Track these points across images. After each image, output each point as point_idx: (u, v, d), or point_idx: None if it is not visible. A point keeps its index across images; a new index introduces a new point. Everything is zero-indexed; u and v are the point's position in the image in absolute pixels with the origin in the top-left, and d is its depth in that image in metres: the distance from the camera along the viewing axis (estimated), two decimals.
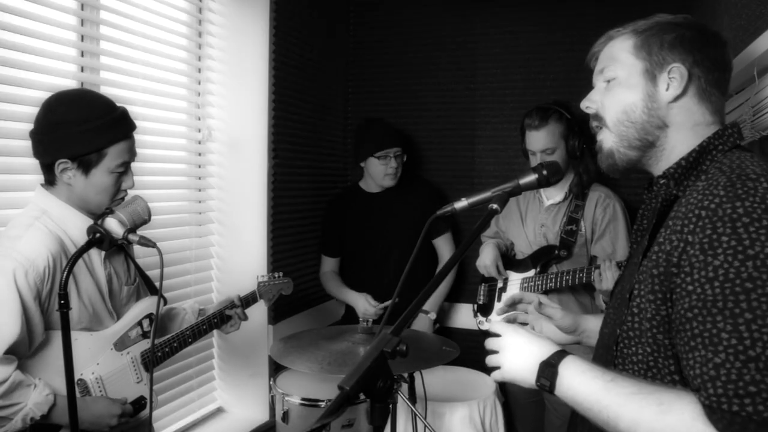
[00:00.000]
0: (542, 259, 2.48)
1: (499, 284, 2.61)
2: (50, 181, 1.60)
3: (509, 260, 2.63)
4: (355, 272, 3.00)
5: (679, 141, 1.12)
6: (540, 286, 2.45)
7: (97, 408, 1.58)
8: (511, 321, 1.50)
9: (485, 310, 2.70)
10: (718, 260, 0.90)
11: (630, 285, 1.09)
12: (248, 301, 2.14)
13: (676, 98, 1.11)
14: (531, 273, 2.51)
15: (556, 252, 2.44)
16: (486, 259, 2.58)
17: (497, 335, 1.18)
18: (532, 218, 2.56)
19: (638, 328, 1.05)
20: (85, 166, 1.56)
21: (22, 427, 1.45)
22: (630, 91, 1.14)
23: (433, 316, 2.90)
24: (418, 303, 1.02)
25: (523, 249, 2.58)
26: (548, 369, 1.06)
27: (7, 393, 1.43)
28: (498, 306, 1.38)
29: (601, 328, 1.23)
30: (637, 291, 1.05)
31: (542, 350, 1.10)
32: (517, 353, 1.12)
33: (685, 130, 1.12)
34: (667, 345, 1.00)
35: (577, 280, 2.32)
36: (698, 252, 0.93)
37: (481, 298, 2.73)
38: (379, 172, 2.85)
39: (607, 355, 1.13)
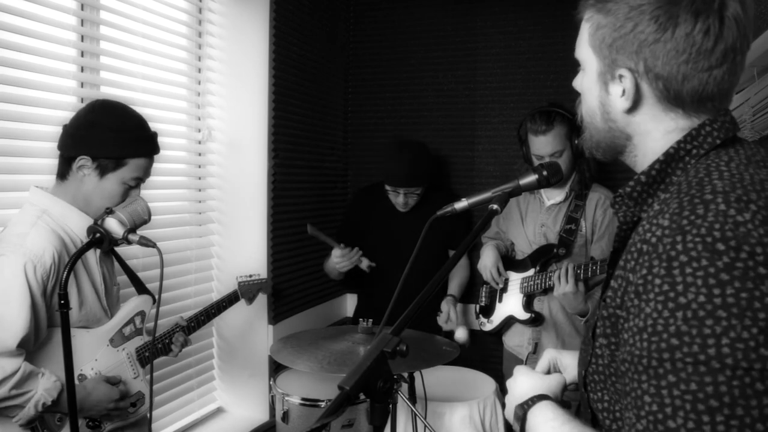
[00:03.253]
0: (541, 258, 2.48)
1: (500, 285, 2.61)
2: (63, 175, 1.65)
3: (509, 261, 2.63)
4: (368, 275, 2.99)
5: (650, 150, 0.93)
6: (540, 285, 2.45)
7: (98, 393, 1.62)
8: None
9: (487, 311, 2.71)
10: (649, 307, 0.76)
11: (593, 321, 0.95)
12: (231, 299, 2.23)
13: (630, 110, 0.92)
14: (531, 272, 2.51)
15: (555, 250, 2.44)
16: (487, 262, 2.58)
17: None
18: (533, 218, 2.56)
19: (602, 372, 0.92)
20: (102, 169, 1.62)
21: (35, 414, 1.49)
22: (590, 92, 0.97)
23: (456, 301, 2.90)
24: (418, 303, 1.01)
25: (524, 249, 2.58)
26: (519, 412, 1.04)
27: (21, 383, 1.46)
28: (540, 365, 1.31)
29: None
30: (600, 330, 0.92)
31: (526, 393, 1.06)
32: (512, 392, 1.11)
33: (653, 141, 0.92)
34: None
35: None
36: (633, 296, 0.79)
37: (483, 299, 2.74)
38: (390, 198, 2.82)
39: (582, 398, 1.02)
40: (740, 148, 0.88)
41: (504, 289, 2.62)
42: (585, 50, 0.95)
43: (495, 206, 1.18)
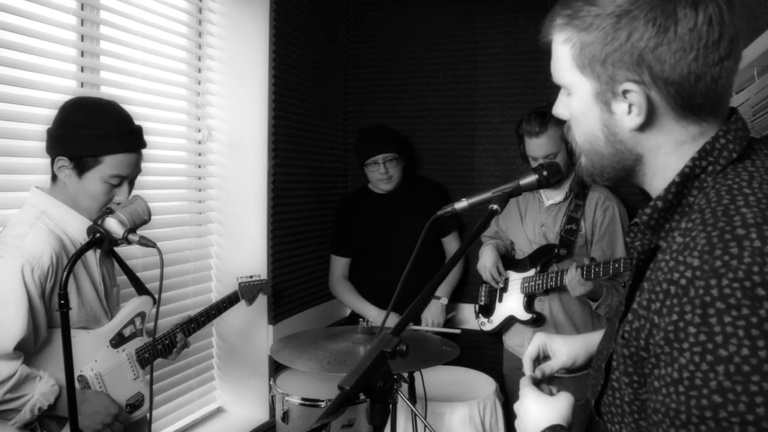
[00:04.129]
0: (542, 258, 2.48)
1: (500, 284, 2.61)
2: (54, 177, 1.64)
3: (509, 260, 2.63)
4: (365, 273, 3.03)
5: (661, 165, 0.87)
6: (541, 285, 2.45)
7: (97, 403, 1.60)
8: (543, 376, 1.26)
9: (487, 310, 2.71)
10: (684, 358, 0.71)
11: (608, 352, 0.92)
12: (231, 300, 2.22)
13: (642, 126, 0.84)
14: (531, 272, 2.51)
15: (556, 251, 2.44)
16: (486, 262, 2.58)
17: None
18: (532, 218, 2.56)
19: (620, 405, 0.89)
20: (80, 168, 1.59)
21: (31, 418, 1.48)
22: (587, 117, 0.89)
23: (444, 301, 2.95)
24: (417, 303, 1.01)
25: (524, 248, 2.58)
26: None
27: (17, 386, 1.45)
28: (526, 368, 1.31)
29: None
30: (616, 364, 0.89)
31: (537, 424, 1.03)
32: (521, 421, 1.08)
33: (665, 155, 0.86)
34: None
35: None
36: (663, 342, 0.74)
37: (483, 299, 2.74)
38: (373, 178, 2.92)
39: (597, 423, 1.01)
40: (756, 158, 0.83)
41: (504, 289, 2.62)
42: (569, 73, 0.88)
43: (495, 206, 1.18)
